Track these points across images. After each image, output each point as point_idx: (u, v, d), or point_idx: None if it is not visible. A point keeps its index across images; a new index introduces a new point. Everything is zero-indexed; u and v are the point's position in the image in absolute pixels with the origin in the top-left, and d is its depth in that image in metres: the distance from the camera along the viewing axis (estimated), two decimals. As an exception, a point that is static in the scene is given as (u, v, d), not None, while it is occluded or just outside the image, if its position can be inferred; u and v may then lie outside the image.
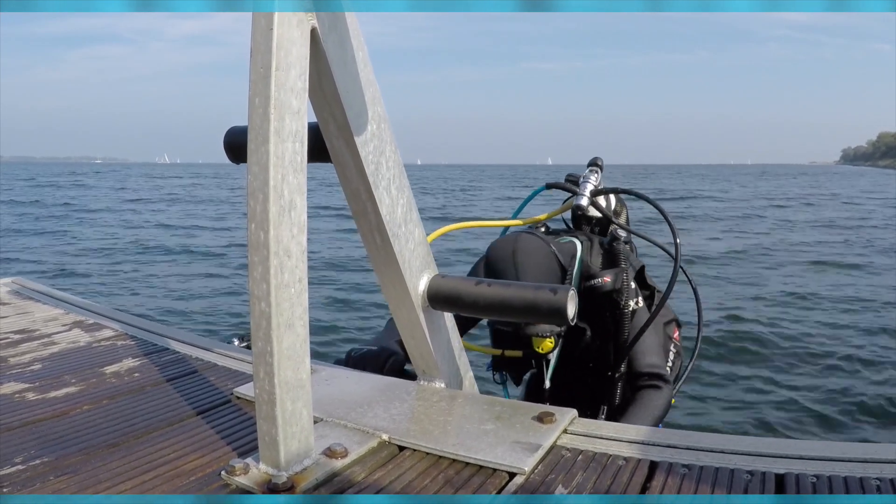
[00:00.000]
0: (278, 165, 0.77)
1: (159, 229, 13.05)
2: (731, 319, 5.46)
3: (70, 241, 11.33)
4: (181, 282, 7.63)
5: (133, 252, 9.98)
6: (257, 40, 0.78)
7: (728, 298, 6.41)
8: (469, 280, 1.00)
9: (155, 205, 19.68)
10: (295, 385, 0.84)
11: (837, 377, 4.21)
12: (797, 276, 7.95)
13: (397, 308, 1.03)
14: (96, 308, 1.74)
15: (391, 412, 1.03)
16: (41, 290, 1.95)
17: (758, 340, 4.93)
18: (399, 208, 0.97)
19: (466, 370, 1.17)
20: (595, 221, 1.57)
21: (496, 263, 1.30)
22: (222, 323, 5.76)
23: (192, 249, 10.18)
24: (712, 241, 11.21)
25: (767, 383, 4.13)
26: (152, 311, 6.06)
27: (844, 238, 11.78)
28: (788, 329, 5.29)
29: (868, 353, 4.62)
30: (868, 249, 10.28)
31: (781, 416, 3.63)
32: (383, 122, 0.93)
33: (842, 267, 8.55)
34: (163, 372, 1.26)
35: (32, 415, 1.08)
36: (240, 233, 12.11)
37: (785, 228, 13.74)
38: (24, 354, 1.38)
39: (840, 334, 5.16)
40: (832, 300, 6.43)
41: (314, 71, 0.84)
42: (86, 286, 7.39)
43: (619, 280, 1.35)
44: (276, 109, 0.77)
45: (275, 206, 0.77)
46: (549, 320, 0.94)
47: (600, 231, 1.58)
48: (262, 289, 0.79)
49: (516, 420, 0.99)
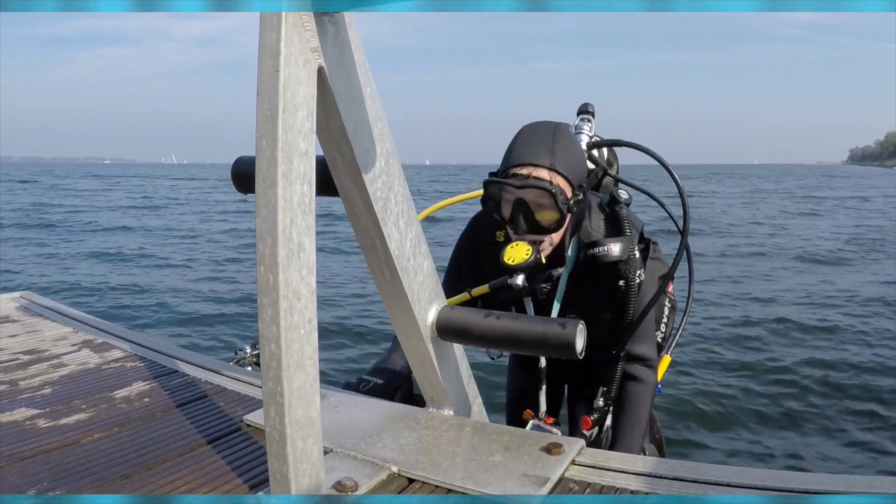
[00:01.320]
0: (286, 209, 0.77)
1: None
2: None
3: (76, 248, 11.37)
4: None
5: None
6: (263, 81, 0.78)
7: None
8: (478, 312, 1.00)
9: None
10: (305, 423, 0.84)
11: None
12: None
13: (406, 339, 1.04)
14: (105, 326, 1.75)
15: (400, 442, 1.03)
16: (50, 307, 1.96)
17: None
18: (408, 242, 0.97)
19: (475, 396, 1.18)
20: (588, 174, 1.41)
21: (532, 129, 1.18)
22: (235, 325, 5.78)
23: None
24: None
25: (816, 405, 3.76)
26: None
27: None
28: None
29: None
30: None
31: (802, 438, 3.39)
32: (391, 158, 0.93)
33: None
34: (173, 397, 1.27)
35: (44, 444, 1.09)
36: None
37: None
38: (34, 377, 1.39)
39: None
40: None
41: (322, 110, 0.83)
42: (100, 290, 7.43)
43: (625, 250, 1.22)
44: (284, 152, 0.77)
45: (283, 250, 0.77)
46: (559, 354, 0.93)
47: (594, 185, 1.46)
48: (272, 331, 0.80)
49: (524, 451, 0.99)
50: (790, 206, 19.33)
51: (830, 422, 3.60)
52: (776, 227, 13.36)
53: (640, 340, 1.30)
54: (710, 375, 4.27)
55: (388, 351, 1.35)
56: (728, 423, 3.61)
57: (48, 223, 13.96)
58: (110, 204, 19.97)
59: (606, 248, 1.22)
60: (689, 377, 4.22)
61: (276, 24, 0.77)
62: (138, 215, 16.39)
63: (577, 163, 1.18)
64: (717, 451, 3.31)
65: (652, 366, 1.32)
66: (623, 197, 1.28)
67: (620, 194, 1.29)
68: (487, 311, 0.99)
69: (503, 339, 0.97)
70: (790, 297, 6.49)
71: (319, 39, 0.80)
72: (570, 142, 1.18)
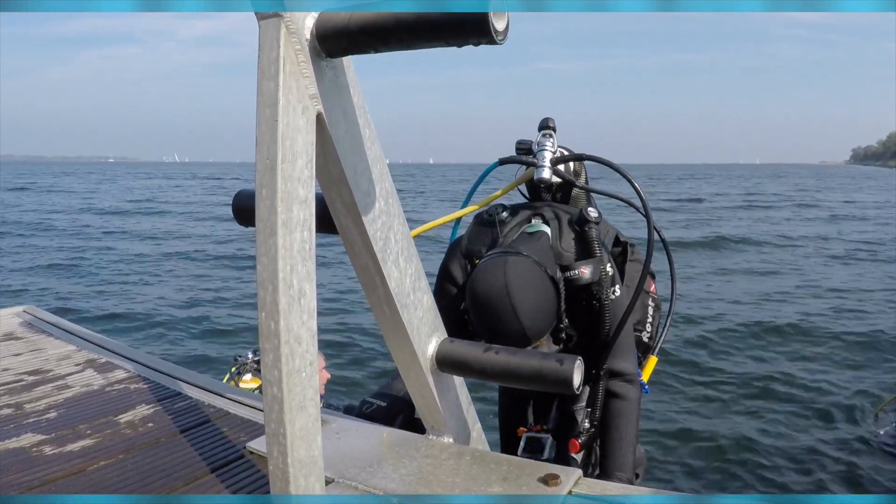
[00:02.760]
0: (286, 257, 0.78)
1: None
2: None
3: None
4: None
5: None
6: (262, 130, 0.79)
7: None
8: (477, 346, 1.02)
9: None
10: (307, 462, 0.86)
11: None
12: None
13: (406, 371, 1.05)
14: (108, 345, 1.76)
15: (400, 472, 1.05)
16: (53, 322, 1.98)
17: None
18: (407, 279, 0.98)
19: (474, 423, 1.19)
20: (556, 187, 1.46)
21: (486, 301, 1.12)
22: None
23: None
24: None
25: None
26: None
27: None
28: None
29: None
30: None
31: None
32: (391, 197, 0.94)
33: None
34: (176, 421, 1.29)
35: (51, 472, 1.10)
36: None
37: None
38: (39, 400, 1.41)
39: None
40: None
41: (321, 155, 0.84)
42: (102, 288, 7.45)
43: (596, 272, 1.24)
44: (284, 202, 0.78)
45: (284, 297, 0.79)
46: (556, 389, 0.95)
47: (562, 196, 1.48)
48: (274, 375, 0.81)
49: (522, 482, 1.01)
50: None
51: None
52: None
53: (619, 356, 1.31)
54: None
55: (391, 377, 1.37)
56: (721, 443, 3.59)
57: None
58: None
59: (578, 272, 1.23)
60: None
61: (273, 72, 0.78)
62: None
63: (545, 313, 1.15)
64: (705, 469, 3.31)
65: (632, 380, 1.33)
66: (592, 216, 1.28)
67: (590, 213, 1.28)
68: (487, 345, 1.01)
69: (501, 374, 0.99)
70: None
71: (318, 86, 0.81)
72: (532, 300, 1.13)
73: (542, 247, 1.24)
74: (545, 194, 1.46)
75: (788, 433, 3.72)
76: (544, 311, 1.15)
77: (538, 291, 1.14)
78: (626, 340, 1.33)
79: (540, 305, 1.14)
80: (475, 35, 0.70)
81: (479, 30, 0.68)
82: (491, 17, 0.67)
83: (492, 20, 0.67)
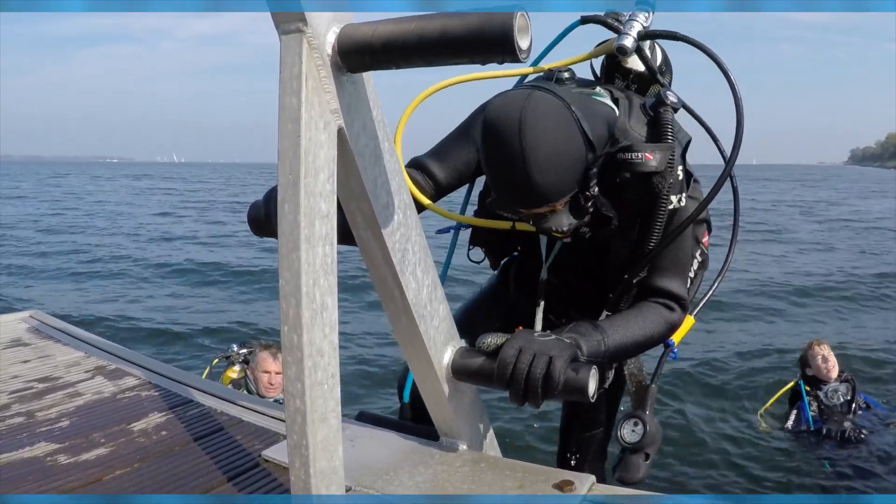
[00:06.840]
0: (309, 271, 0.79)
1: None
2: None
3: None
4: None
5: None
6: (285, 146, 0.79)
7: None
8: (490, 357, 1.02)
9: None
10: (329, 472, 0.87)
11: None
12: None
13: (422, 380, 1.06)
14: (116, 351, 1.77)
15: (416, 479, 1.06)
16: (60, 328, 1.98)
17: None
18: (425, 289, 0.99)
19: (487, 429, 1.20)
20: (633, 77, 1.20)
21: (495, 135, 0.94)
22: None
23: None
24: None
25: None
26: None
27: None
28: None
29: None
30: None
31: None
32: (409, 209, 0.95)
33: None
34: (190, 430, 1.29)
35: (68, 482, 1.11)
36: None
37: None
38: (50, 408, 1.41)
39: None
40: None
41: (342, 169, 0.85)
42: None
43: (663, 161, 1.03)
44: (306, 217, 0.78)
45: (307, 311, 0.79)
46: (571, 397, 0.96)
47: (637, 90, 1.21)
48: (296, 387, 0.82)
49: (537, 488, 1.02)
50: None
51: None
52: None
53: (668, 274, 1.10)
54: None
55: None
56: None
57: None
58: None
59: (642, 156, 1.03)
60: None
61: (296, 88, 0.79)
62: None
63: (562, 168, 0.94)
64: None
65: (676, 308, 1.12)
66: (671, 99, 1.09)
67: (668, 96, 1.09)
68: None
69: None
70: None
71: (339, 101, 0.82)
72: (547, 142, 0.92)
73: (593, 106, 1.03)
74: (618, 80, 1.22)
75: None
76: (562, 165, 0.94)
77: (559, 139, 0.93)
78: (680, 258, 1.12)
79: (558, 157, 0.93)
80: (499, 53, 0.70)
81: (503, 48, 0.69)
82: (515, 36, 0.68)
83: (516, 38, 0.68)
